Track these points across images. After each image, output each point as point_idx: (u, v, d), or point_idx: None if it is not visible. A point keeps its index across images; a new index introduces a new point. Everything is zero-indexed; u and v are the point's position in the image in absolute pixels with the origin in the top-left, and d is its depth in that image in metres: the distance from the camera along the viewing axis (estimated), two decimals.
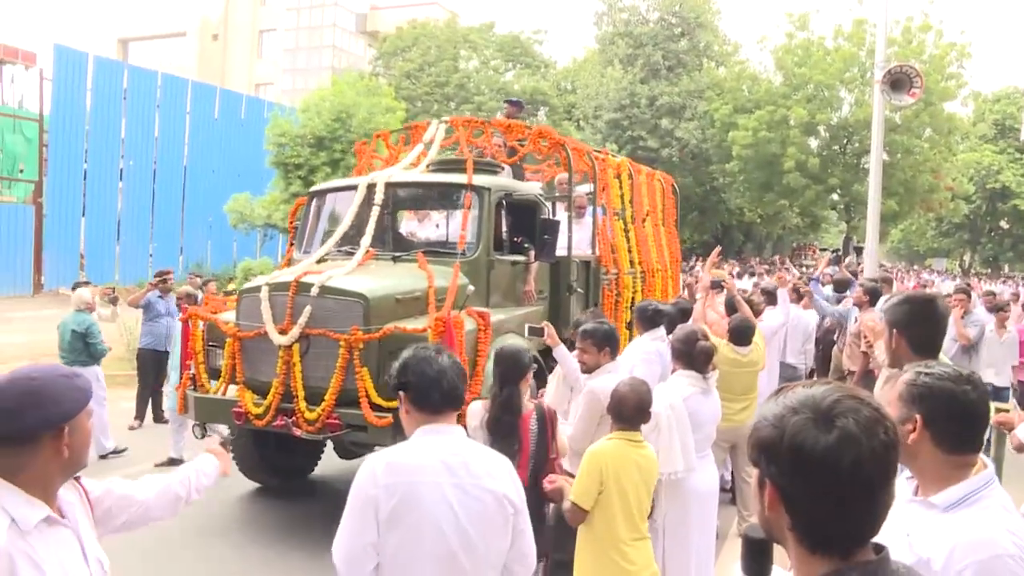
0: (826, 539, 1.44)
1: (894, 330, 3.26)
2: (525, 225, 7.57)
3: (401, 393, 2.78)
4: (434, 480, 2.63)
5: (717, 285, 8.38)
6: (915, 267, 54.22)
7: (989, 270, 52.96)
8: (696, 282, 9.79)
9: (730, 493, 7.43)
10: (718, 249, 10.31)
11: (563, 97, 44.93)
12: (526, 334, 7.53)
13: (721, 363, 6.62)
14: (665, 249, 11.65)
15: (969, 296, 10.03)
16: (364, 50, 55.07)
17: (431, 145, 8.35)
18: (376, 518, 2.59)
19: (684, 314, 7.34)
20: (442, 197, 7.90)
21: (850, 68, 36.04)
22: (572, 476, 4.20)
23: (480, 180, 7.32)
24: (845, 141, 37.73)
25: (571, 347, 6.05)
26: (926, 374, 2.27)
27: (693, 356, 5.08)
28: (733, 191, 40.28)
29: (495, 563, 2.75)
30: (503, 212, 7.46)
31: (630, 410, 3.98)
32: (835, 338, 9.97)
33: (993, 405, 6.50)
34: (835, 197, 39.28)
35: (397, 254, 7.11)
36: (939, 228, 53.52)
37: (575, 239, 8.54)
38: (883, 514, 1.46)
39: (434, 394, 2.73)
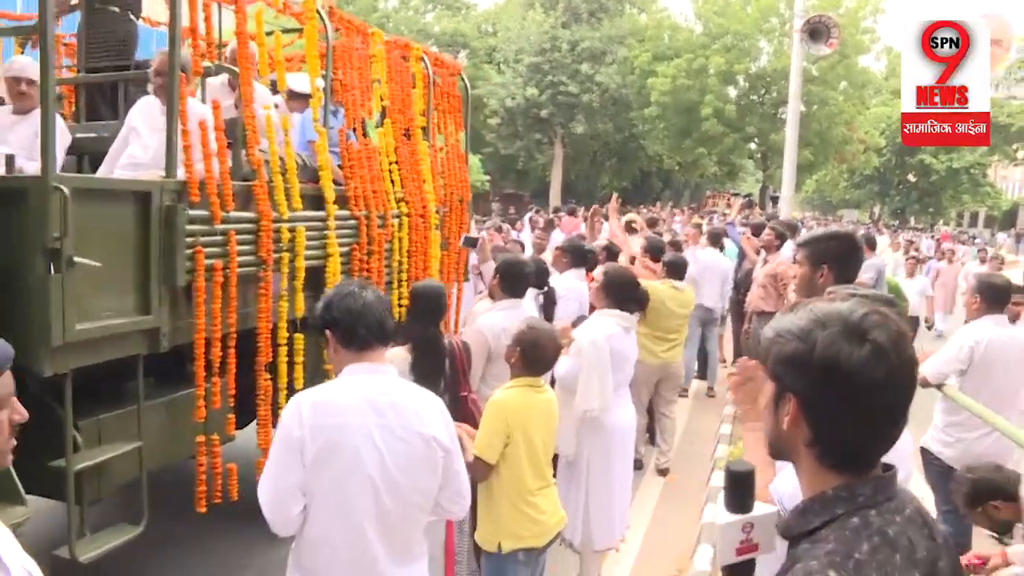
0: (845, 456, 1.42)
1: (824, 265, 3.30)
2: None
3: (327, 332, 2.71)
4: (361, 421, 2.56)
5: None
6: (828, 218, 55.52)
7: (897, 222, 54.58)
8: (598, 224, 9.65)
9: (648, 432, 7.53)
10: (615, 196, 9.95)
11: (484, 40, 44.18)
12: (460, 243, 6.82)
13: (666, 302, 6.87)
14: (430, 181, 6.80)
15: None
16: None
17: None
18: (302, 459, 2.52)
19: (611, 255, 7.34)
20: None
21: (769, 18, 36.26)
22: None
23: None
24: (763, 91, 37.95)
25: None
26: (853, 294, 2.47)
27: (631, 298, 5.07)
28: (652, 138, 40.19)
29: (422, 505, 2.71)
30: None
31: (547, 356, 3.80)
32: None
33: None
34: (752, 146, 39.69)
35: None
36: (851, 180, 54.86)
37: (153, 147, 4.45)
38: (899, 433, 1.44)
39: (361, 329, 2.66)
